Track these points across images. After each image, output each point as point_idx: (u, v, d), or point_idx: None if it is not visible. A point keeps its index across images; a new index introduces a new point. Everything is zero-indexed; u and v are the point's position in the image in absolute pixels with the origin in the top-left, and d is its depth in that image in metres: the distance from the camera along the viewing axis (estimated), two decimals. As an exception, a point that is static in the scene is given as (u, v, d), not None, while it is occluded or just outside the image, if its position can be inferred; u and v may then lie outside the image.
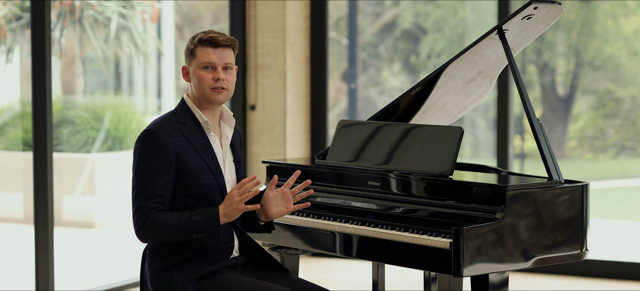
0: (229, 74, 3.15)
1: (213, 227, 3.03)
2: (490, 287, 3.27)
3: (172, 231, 3.02)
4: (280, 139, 6.51)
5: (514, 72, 3.59)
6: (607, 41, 6.82)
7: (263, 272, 3.28)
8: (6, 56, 6.89)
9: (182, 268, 3.09)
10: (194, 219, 3.02)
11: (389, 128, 3.72)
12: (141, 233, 3.05)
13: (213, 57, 3.11)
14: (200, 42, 3.13)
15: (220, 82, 3.11)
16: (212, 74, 3.12)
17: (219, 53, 3.12)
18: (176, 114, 3.16)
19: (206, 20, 8.28)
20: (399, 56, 7.25)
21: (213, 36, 3.12)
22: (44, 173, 5.01)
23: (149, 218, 3.02)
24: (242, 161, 3.29)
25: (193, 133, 3.13)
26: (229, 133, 3.24)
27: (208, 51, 3.12)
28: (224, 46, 3.13)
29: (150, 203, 3.04)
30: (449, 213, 3.39)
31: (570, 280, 5.92)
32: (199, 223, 3.02)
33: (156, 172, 3.04)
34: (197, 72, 3.13)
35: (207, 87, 3.12)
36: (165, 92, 8.07)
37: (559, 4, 3.66)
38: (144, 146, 3.07)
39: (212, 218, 3.03)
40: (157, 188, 3.04)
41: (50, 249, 5.05)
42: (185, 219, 3.02)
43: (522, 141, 6.95)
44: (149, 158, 3.05)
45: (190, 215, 3.03)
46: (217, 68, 3.12)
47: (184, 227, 3.02)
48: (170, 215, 3.03)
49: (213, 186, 3.12)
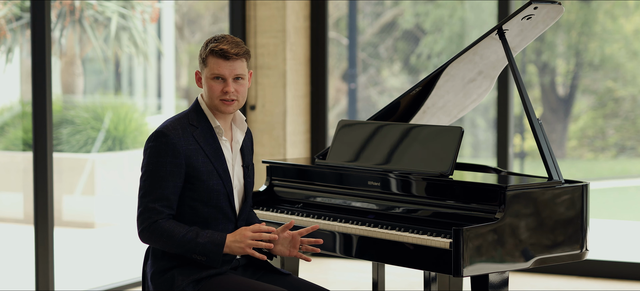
0: (240, 85, 3.11)
1: (215, 254, 3.04)
2: (490, 287, 3.27)
3: (175, 243, 3.02)
4: (280, 139, 6.51)
5: (514, 72, 3.59)
6: (607, 41, 6.82)
7: (263, 272, 3.28)
8: (6, 56, 6.89)
9: (183, 269, 3.09)
10: (199, 241, 3.02)
11: (389, 128, 3.72)
12: (144, 235, 3.05)
13: (223, 70, 3.08)
14: (211, 52, 3.09)
15: (229, 94, 3.09)
16: (222, 85, 3.10)
17: (229, 65, 3.08)
18: (189, 115, 3.14)
19: (206, 21, 8.28)
20: (399, 55, 7.25)
21: (224, 49, 3.07)
22: (44, 173, 5.01)
23: (157, 224, 3.02)
24: (251, 165, 3.28)
25: (205, 137, 3.12)
26: (240, 137, 3.22)
27: (219, 62, 3.08)
28: (236, 59, 3.09)
29: (157, 206, 3.03)
30: (449, 213, 3.39)
31: (570, 280, 5.92)
32: (203, 246, 3.02)
33: (165, 175, 3.04)
34: (208, 82, 3.11)
35: (217, 98, 3.11)
36: (165, 92, 8.07)
37: (559, 4, 3.66)
38: (155, 147, 3.06)
39: (217, 245, 3.03)
40: (165, 191, 3.04)
41: (50, 249, 5.05)
42: (190, 237, 3.02)
43: (522, 140, 6.95)
44: (160, 159, 3.04)
45: (197, 235, 3.03)
46: (227, 80, 3.09)
47: (187, 244, 3.02)
48: (177, 227, 3.03)
49: (221, 191, 3.12)
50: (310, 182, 3.87)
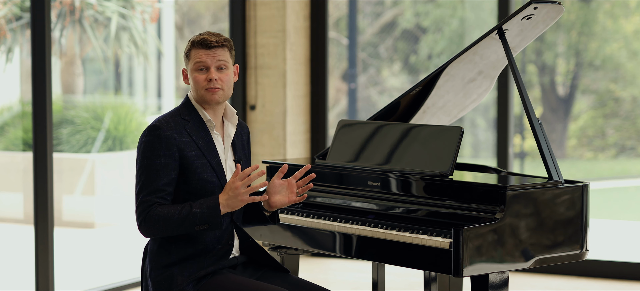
0: (224, 74, 3.16)
1: (214, 218, 3.04)
2: (490, 287, 3.27)
3: (174, 224, 3.04)
4: (280, 139, 6.51)
5: (514, 72, 3.59)
6: (607, 41, 6.82)
7: (263, 272, 3.29)
8: (6, 56, 6.89)
9: (182, 267, 3.10)
10: (194, 211, 3.04)
11: (389, 128, 3.72)
12: (144, 227, 3.07)
13: (205, 58, 3.13)
14: (193, 44, 3.16)
15: (213, 82, 3.13)
16: (205, 75, 3.14)
17: (211, 54, 3.14)
18: (180, 111, 3.18)
19: (206, 21, 8.28)
20: (399, 56, 7.25)
21: (204, 38, 3.14)
22: (44, 173, 5.01)
23: (150, 212, 3.04)
24: (243, 159, 3.29)
25: (197, 131, 3.15)
26: (231, 131, 3.25)
27: (200, 52, 3.14)
28: (216, 47, 3.14)
29: (153, 198, 3.06)
30: (449, 213, 3.39)
31: (570, 280, 5.92)
32: (200, 214, 3.03)
33: (160, 167, 3.07)
34: (193, 75, 3.16)
35: (202, 88, 3.15)
36: (165, 92, 8.07)
37: (559, 4, 3.66)
38: (149, 141, 3.09)
39: (212, 208, 3.04)
40: (161, 183, 3.06)
41: (50, 249, 5.05)
42: (185, 211, 3.04)
43: (522, 140, 6.95)
44: (153, 153, 3.07)
45: (191, 207, 3.05)
46: (210, 68, 3.14)
47: (185, 219, 3.03)
48: (170, 208, 3.05)
49: (215, 184, 3.14)
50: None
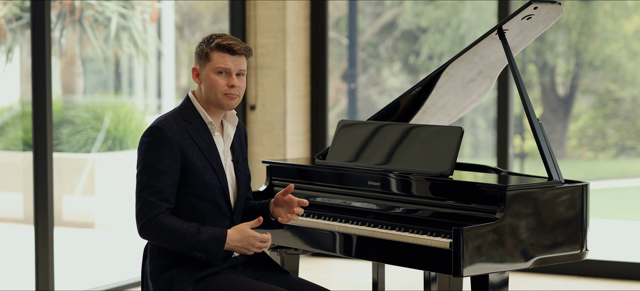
0: (241, 81, 3.16)
1: (216, 251, 3.04)
2: (490, 287, 3.27)
3: (176, 240, 3.02)
4: (280, 139, 6.51)
5: (514, 72, 3.59)
6: (607, 41, 6.82)
7: (263, 272, 3.28)
8: (6, 56, 6.89)
9: (182, 268, 3.09)
10: (201, 238, 3.02)
11: (389, 128, 3.72)
12: (144, 231, 3.05)
13: (229, 64, 3.12)
14: (217, 47, 3.12)
15: (234, 89, 3.13)
16: (226, 80, 3.13)
17: (235, 60, 3.13)
18: (182, 111, 3.16)
19: (206, 21, 8.28)
20: (399, 56, 7.25)
21: (231, 43, 3.12)
22: (44, 173, 5.01)
23: (157, 219, 3.02)
24: (241, 160, 3.28)
25: (198, 132, 3.14)
26: (231, 132, 3.25)
27: (225, 57, 3.12)
28: (241, 54, 3.14)
29: (156, 200, 3.03)
30: (449, 213, 3.39)
31: (570, 280, 5.92)
32: (204, 243, 3.02)
33: (163, 169, 3.04)
34: (211, 76, 3.13)
35: (221, 92, 3.13)
36: (165, 92, 8.08)
37: (559, 4, 3.66)
38: (151, 142, 3.07)
39: (218, 241, 3.03)
40: (163, 185, 3.04)
41: (50, 249, 5.05)
42: (191, 232, 3.02)
43: (522, 140, 6.95)
44: (156, 154, 3.05)
45: (198, 230, 3.03)
46: (232, 74, 3.13)
47: (189, 241, 3.02)
48: (178, 223, 3.03)
49: (216, 186, 3.13)
50: (310, 182, 3.87)
